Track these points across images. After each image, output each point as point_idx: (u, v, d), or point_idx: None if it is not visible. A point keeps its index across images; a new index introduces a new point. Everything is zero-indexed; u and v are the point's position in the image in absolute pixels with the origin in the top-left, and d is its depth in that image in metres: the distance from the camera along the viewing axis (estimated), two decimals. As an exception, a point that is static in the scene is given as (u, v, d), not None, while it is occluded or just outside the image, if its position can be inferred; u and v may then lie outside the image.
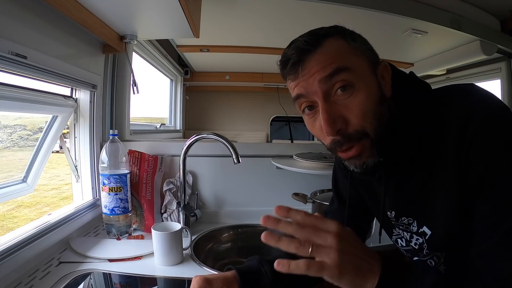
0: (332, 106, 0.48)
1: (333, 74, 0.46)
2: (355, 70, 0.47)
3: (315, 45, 0.48)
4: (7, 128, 2.45)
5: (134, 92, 1.19)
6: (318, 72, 0.47)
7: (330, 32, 0.50)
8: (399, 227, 0.60)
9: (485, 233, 0.43)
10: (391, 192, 0.57)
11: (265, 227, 0.46)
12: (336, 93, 0.48)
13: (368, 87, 0.48)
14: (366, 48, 0.51)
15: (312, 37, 0.49)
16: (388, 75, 0.52)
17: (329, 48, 0.48)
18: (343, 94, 0.47)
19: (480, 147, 0.43)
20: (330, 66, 0.47)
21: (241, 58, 2.12)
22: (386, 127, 0.49)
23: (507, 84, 1.79)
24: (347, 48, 0.49)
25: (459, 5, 1.49)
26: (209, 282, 0.57)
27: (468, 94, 0.48)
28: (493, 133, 0.42)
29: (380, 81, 0.51)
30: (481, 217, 0.44)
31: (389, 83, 0.52)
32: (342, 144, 0.49)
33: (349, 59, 0.48)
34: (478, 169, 0.43)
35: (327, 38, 0.49)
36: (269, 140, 2.97)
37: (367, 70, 0.49)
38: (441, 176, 0.48)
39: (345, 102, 0.47)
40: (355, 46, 0.49)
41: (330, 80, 0.47)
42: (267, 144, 2.32)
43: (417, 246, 0.57)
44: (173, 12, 0.89)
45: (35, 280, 0.71)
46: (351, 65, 0.47)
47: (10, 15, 0.65)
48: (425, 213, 0.53)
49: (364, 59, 0.50)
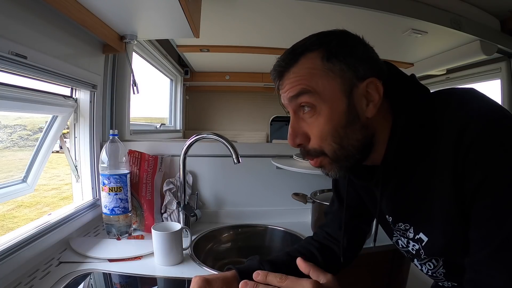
0: (299, 121, 0.53)
1: (298, 95, 0.50)
2: (319, 93, 0.49)
3: (290, 64, 0.51)
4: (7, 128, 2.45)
5: (134, 92, 1.19)
6: (288, 91, 0.51)
7: (312, 46, 0.50)
8: (397, 231, 0.61)
9: (478, 244, 0.43)
10: (389, 198, 0.57)
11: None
12: (303, 111, 0.52)
13: (332, 111, 0.49)
14: (346, 65, 0.48)
15: (289, 56, 0.51)
16: (376, 93, 0.49)
17: (301, 68, 0.50)
18: (307, 113, 0.51)
19: (476, 156, 0.42)
20: (296, 87, 0.50)
21: (241, 58, 2.12)
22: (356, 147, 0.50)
23: (507, 84, 1.79)
24: (319, 69, 0.49)
25: (459, 5, 1.49)
26: (208, 282, 0.57)
27: (467, 101, 0.47)
28: (490, 142, 0.41)
29: (356, 102, 0.49)
30: (475, 226, 0.43)
31: (376, 99, 0.49)
32: (304, 155, 0.55)
33: (316, 81, 0.49)
34: (473, 178, 0.42)
35: (304, 54, 0.50)
36: (269, 140, 2.97)
37: (335, 93, 0.48)
38: (438, 183, 0.47)
39: (310, 121, 0.51)
40: (328, 67, 0.48)
41: (296, 100, 0.51)
42: (267, 144, 2.32)
43: (414, 251, 0.57)
44: (173, 12, 0.89)
45: (35, 280, 0.71)
46: (316, 88, 0.49)
47: (10, 15, 0.65)
48: (421, 220, 0.53)
49: (337, 80, 0.48)
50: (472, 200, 0.43)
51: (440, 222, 0.49)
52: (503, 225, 0.40)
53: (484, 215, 0.42)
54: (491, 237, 0.41)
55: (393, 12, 1.31)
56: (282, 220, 1.21)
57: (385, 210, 0.60)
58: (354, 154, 0.51)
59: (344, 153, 0.50)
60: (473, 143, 0.42)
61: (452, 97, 0.50)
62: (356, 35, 0.52)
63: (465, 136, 0.43)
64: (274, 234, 1.16)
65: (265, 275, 0.49)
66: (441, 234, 0.49)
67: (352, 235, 0.73)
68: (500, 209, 0.41)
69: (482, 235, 0.42)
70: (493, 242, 0.41)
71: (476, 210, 0.43)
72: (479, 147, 0.42)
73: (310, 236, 0.78)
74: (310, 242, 0.75)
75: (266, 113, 2.99)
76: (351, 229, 0.73)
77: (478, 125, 0.43)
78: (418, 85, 0.53)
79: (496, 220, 0.41)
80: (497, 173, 0.41)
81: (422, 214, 0.52)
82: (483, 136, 0.42)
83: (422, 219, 0.52)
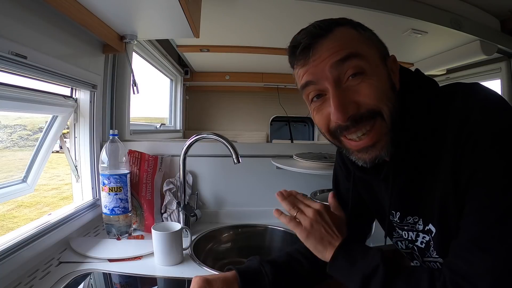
0: (343, 92, 0.47)
1: (345, 59, 0.46)
2: (366, 57, 0.47)
3: (327, 31, 0.48)
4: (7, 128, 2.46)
5: (134, 92, 1.19)
6: (330, 57, 0.46)
7: (341, 21, 0.50)
8: (403, 228, 0.60)
9: (465, 229, 0.43)
10: (396, 192, 0.57)
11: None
12: (347, 79, 0.47)
13: (379, 75, 0.48)
14: (376, 39, 0.52)
15: (323, 23, 0.48)
16: (396, 68, 0.52)
17: (341, 35, 0.48)
18: (354, 80, 0.47)
19: (472, 146, 0.43)
20: (342, 51, 0.46)
21: (241, 58, 2.12)
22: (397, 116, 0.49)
23: (507, 84, 1.79)
24: (358, 37, 0.49)
25: (459, 5, 1.49)
26: (209, 282, 0.57)
27: (470, 94, 0.47)
28: (486, 132, 0.42)
29: (390, 72, 0.51)
30: (465, 214, 0.44)
31: (397, 76, 0.52)
32: (349, 128, 0.48)
33: (361, 46, 0.48)
34: (468, 168, 0.43)
35: (339, 26, 0.49)
36: (269, 140, 2.97)
37: (377, 59, 0.49)
38: (441, 174, 0.48)
39: (356, 88, 0.47)
40: (366, 36, 0.50)
41: (342, 65, 0.46)
42: (267, 144, 2.32)
43: (423, 245, 0.57)
44: (173, 12, 0.89)
45: (35, 280, 0.71)
46: (362, 52, 0.47)
47: (10, 15, 0.65)
48: (429, 212, 0.53)
49: (375, 49, 0.50)
50: (465, 188, 0.44)
51: (441, 213, 0.49)
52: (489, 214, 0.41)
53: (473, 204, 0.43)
54: (476, 225, 0.42)
55: (393, 12, 1.31)
56: (282, 220, 1.20)
57: (390, 206, 0.60)
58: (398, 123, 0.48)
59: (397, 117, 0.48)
60: (471, 133, 0.43)
61: (457, 90, 0.50)
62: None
63: (465, 128, 0.43)
64: (274, 234, 1.16)
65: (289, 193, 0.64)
66: (444, 225, 0.50)
67: (352, 235, 0.72)
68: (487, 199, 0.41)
69: (469, 222, 0.43)
70: (477, 229, 0.41)
71: (468, 198, 0.44)
72: (476, 137, 0.42)
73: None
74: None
75: (266, 113, 2.99)
76: (352, 229, 0.72)
77: (478, 116, 0.43)
78: (425, 78, 0.54)
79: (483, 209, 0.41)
80: (489, 162, 0.41)
81: (429, 206, 0.52)
82: (481, 126, 0.42)
83: (430, 210, 0.52)
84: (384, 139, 0.48)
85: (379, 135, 0.48)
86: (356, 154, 0.51)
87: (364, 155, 0.49)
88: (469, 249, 0.41)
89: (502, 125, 0.42)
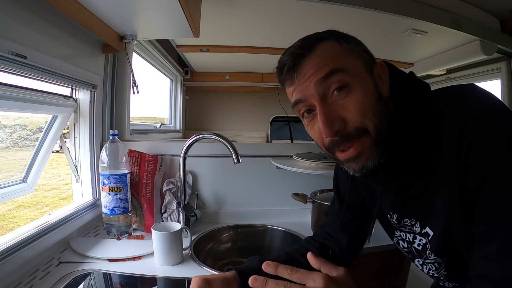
0: (329, 107, 0.48)
1: (328, 75, 0.47)
2: (350, 71, 0.48)
3: (309, 49, 0.49)
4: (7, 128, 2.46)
5: (134, 92, 1.19)
6: (314, 74, 0.48)
7: (323, 36, 0.51)
8: (401, 229, 0.60)
9: (484, 238, 0.43)
10: (393, 194, 0.57)
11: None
12: (332, 94, 0.48)
13: (365, 87, 0.48)
14: (360, 49, 0.51)
15: (305, 42, 0.50)
16: (385, 74, 0.52)
17: (323, 51, 0.49)
18: (339, 95, 0.48)
19: (479, 151, 0.42)
20: (324, 68, 0.47)
21: (241, 58, 2.12)
22: (386, 126, 0.49)
23: (507, 84, 1.79)
24: (341, 50, 0.49)
25: (459, 5, 1.49)
26: (208, 282, 0.57)
27: (467, 95, 0.47)
28: (492, 136, 0.42)
29: (377, 80, 0.51)
30: (480, 220, 0.43)
31: (386, 82, 0.52)
32: (340, 144, 0.49)
33: (343, 60, 0.48)
34: (478, 173, 0.42)
35: (321, 41, 0.49)
36: (269, 140, 2.97)
37: (362, 70, 0.50)
38: (441, 178, 0.47)
39: (342, 102, 0.48)
40: (349, 48, 0.50)
41: (326, 81, 0.47)
42: (267, 144, 2.32)
43: (420, 247, 0.57)
44: (173, 12, 0.89)
45: (35, 280, 0.71)
46: (345, 66, 0.48)
47: (10, 15, 0.65)
48: (427, 214, 0.53)
49: (359, 59, 0.50)
50: (477, 194, 0.43)
51: (443, 217, 0.49)
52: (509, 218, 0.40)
53: (489, 209, 0.42)
54: (497, 231, 0.41)
55: (393, 12, 1.31)
56: (282, 220, 1.20)
57: (387, 208, 0.60)
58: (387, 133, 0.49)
59: (382, 130, 0.48)
60: (475, 138, 0.42)
61: (453, 92, 0.50)
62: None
63: (467, 130, 0.43)
64: (274, 234, 1.16)
65: (275, 266, 0.48)
66: (445, 228, 0.49)
67: (352, 235, 0.73)
68: (505, 203, 0.40)
69: (487, 229, 0.42)
70: (500, 237, 0.40)
71: (480, 205, 0.43)
72: (482, 141, 0.42)
73: (310, 236, 0.78)
74: (310, 242, 0.75)
75: (266, 113, 2.99)
76: (352, 229, 0.73)
77: (480, 119, 0.43)
78: (418, 81, 0.54)
79: (503, 214, 0.41)
80: (501, 167, 0.41)
81: (427, 209, 0.52)
82: (485, 130, 0.42)
83: (427, 213, 0.52)
84: (368, 152, 0.49)
85: (363, 148, 0.49)
86: (346, 164, 0.52)
87: (352, 164, 0.50)
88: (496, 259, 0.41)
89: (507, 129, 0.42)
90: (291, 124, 3.00)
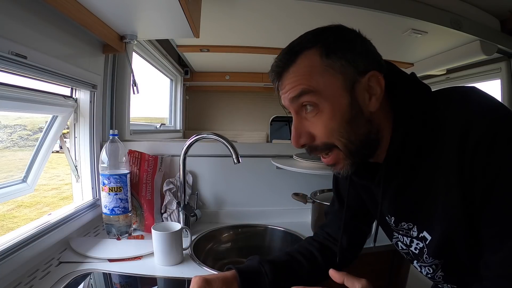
0: (302, 121, 0.52)
1: (299, 96, 0.50)
2: (320, 91, 0.48)
3: (289, 64, 0.50)
4: (7, 128, 2.46)
5: (134, 92, 1.19)
6: (288, 92, 0.51)
7: (309, 44, 0.49)
8: (398, 232, 0.60)
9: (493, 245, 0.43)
10: (390, 197, 0.57)
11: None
12: (306, 110, 0.51)
13: (334, 107, 0.49)
14: (346, 60, 0.48)
15: (286, 56, 0.51)
16: (378, 86, 0.49)
17: (300, 66, 0.50)
18: (310, 113, 0.51)
19: (484, 156, 0.41)
20: (297, 87, 0.50)
21: (241, 58, 2.11)
22: (361, 142, 0.50)
23: (507, 84, 1.79)
24: (318, 67, 0.48)
25: (459, 5, 1.49)
26: (208, 282, 0.57)
27: (467, 100, 0.47)
28: (497, 141, 0.41)
29: (360, 96, 0.49)
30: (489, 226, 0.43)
31: (376, 94, 0.49)
32: (312, 151, 0.54)
33: (316, 80, 0.48)
34: (484, 179, 0.42)
35: (302, 53, 0.49)
36: (269, 140, 2.97)
37: (336, 89, 0.48)
38: (442, 183, 0.47)
39: (313, 120, 0.51)
40: (327, 64, 0.48)
41: (298, 100, 0.51)
42: (267, 144, 2.32)
43: (417, 251, 0.57)
44: (173, 12, 0.89)
45: (35, 280, 0.71)
46: (317, 86, 0.48)
47: (10, 15, 0.65)
48: (425, 219, 0.52)
49: (337, 76, 0.48)
50: (484, 200, 0.43)
51: (443, 222, 0.48)
52: None
53: (500, 212, 0.42)
54: (506, 238, 0.41)
55: (393, 12, 1.31)
56: (282, 220, 1.21)
57: (386, 210, 0.60)
58: (362, 149, 0.51)
59: (354, 148, 0.50)
60: (480, 143, 0.42)
61: (454, 95, 0.50)
62: (352, 29, 0.52)
63: (470, 135, 0.42)
64: (274, 234, 1.16)
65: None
66: (444, 233, 0.49)
67: (352, 235, 0.73)
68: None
69: (496, 235, 0.42)
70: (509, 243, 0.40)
71: (490, 208, 0.42)
72: (486, 146, 0.41)
73: (310, 236, 0.78)
74: (310, 242, 0.75)
75: (266, 113, 2.99)
76: (351, 229, 0.72)
77: (482, 124, 0.42)
78: (419, 83, 0.53)
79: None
80: (508, 170, 0.40)
81: (425, 213, 0.52)
82: (489, 135, 0.41)
83: (426, 218, 0.52)
84: (342, 162, 0.53)
85: (337, 159, 0.53)
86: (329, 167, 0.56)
87: (332, 168, 0.55)
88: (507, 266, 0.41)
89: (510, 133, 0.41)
90: (291, 124, 3.00)
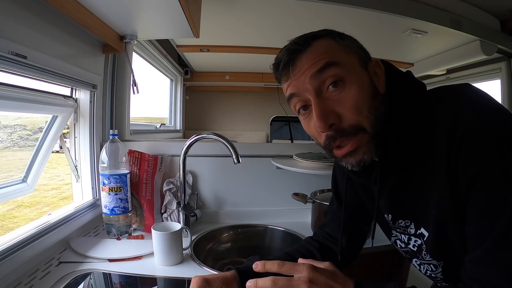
0: (324, 101, 0.48)
1: (323, 69, 0.47)
2: (345, 65, 0.48)
3: (305, 45, 0.49)
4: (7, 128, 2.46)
5: (134, 92, 1.19)
6: (309, 69, 0.48)
7: (318, 33, 0.51)
8: (396, 229, 0.60)
9: (474, 240, 0.43)
10: (387, 195, 0.57)
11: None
12: (328, 89, 0.48)
13: (360, 82, 0.48)
14: (355, 45, 0.52)
15: (301, 38, 0.50)
16: (380, 72, 0.52)
17: (318, 46, 0.49)
18: (335, 90, 0.47)
19: (467, 151, 0.42)
20: (319, 62, 0.47)
21: (241, 58, 2.12)
22: (382, 121, 0.49)
23: (507, 84, 1.79)
24: (336, 46, 0.50)
25: (459, 5, 1.49)
26: (208, 282, 0.57)
27: (458, 95, 0.47)
28: (480, 136, 0.41)
29: (373, 76, 0.51)
30: (470, 222, 0.43)
31: (382, 79, 0.52)
32: (336, 139, 0.49)
33: (338, 55, 0.48)
34: (466, 174, 0.42)
35: (316, 39, 0.50)
36: (269, 140, 2.97)
37: (357, 65, 0.50)
38: (434, 178, 0.47)
39: (338, 97, 0.48)
40: (344, 44, 0.50)
41: (321, 75, 0.47)
42: (267, 144, 2.32)
43: (415, 248, 0.57)
44: (173, 12, 0.89)
45: (35, 280, 0.71)
46: (341, 60, 0.48)
47: (10, 15, 0.65)
48: (421, 216, 0.53)
49: (354, 55, 0.50)
50: (466, 195, 0.43)
51: (436, 217, 0.49)
52: (497, 220, 0.40)
53: (478, 210, 0.42)
54: (486, 233, 0.41)
55: (393, 12, 1.31)
56: (282, 220, 1.21)
57: (383, 208, 0.60)
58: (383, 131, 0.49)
59: (380, 126, 0.48)
60: (465, 137, 0.42)
61: (446, 91, 0.50)
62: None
63: (457, 130, 0.43)
64: (274, 234, 1.16)
65: (263, 264, 0.51)
66: (438, 229, 0.49)
67: (351, 235, 0.73)
68: (494, 204, 0.40)
69: (477, 231, 0.42)
70: (489, 238, 0.41)
71: (470, 206, 0.43)
72: (470, 141, 0.42)
73: (310, 236, 0.78)
74: (310, 242, 0.75)
75: (266, 113, 2.99)
76: (351, 229, 0.73)
77: (468, 119, 0.43)
78: (414, 81, 0.54)
79: (491, 215, 0.41)
80: (488, 167, 0.41)
81: (422, 210, 0.52)
82: (473, 130, 0.42)
83: (422, 214, 0.52)
84: (366, 146, 0.48)
85: (361, 143, 0.48)
86: (343, 160, 0.52)
87: (349, 159, 0.50)
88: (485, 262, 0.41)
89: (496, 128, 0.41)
90: (291, 124, 3.00)
